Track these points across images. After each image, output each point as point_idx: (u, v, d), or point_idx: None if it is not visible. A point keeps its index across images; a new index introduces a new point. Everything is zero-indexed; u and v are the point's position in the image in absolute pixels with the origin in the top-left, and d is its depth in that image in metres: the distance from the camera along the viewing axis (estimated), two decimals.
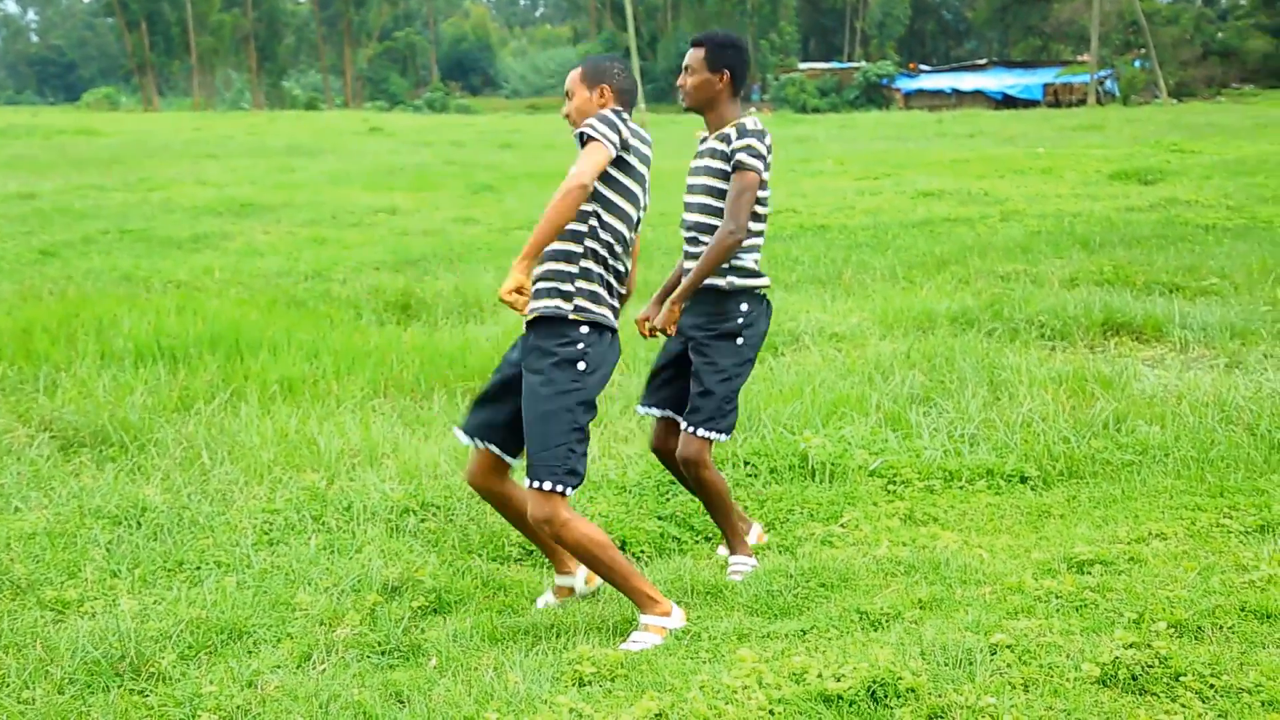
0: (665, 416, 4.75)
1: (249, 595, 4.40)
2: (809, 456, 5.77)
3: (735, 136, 4.41)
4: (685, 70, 4.50)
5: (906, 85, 65.96)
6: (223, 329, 8.56)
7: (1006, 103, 60.05)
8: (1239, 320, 8.32)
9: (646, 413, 4.78)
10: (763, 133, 4.43)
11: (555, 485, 3.89)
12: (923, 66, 72.19)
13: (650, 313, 4.71)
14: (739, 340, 4.49)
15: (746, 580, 4.42)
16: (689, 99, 4.51)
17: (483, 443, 4.21)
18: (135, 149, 30.83)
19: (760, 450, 5.88)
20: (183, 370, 7.74)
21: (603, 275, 4.00)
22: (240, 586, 4.50)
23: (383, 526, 5.17)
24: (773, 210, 4.78)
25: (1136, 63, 59.43)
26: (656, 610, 3.97)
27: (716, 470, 4.58)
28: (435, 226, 16.71)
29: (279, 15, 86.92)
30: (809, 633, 3.81)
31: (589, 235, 3.97)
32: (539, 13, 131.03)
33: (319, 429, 6.54)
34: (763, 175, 4.41)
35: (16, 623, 4.13)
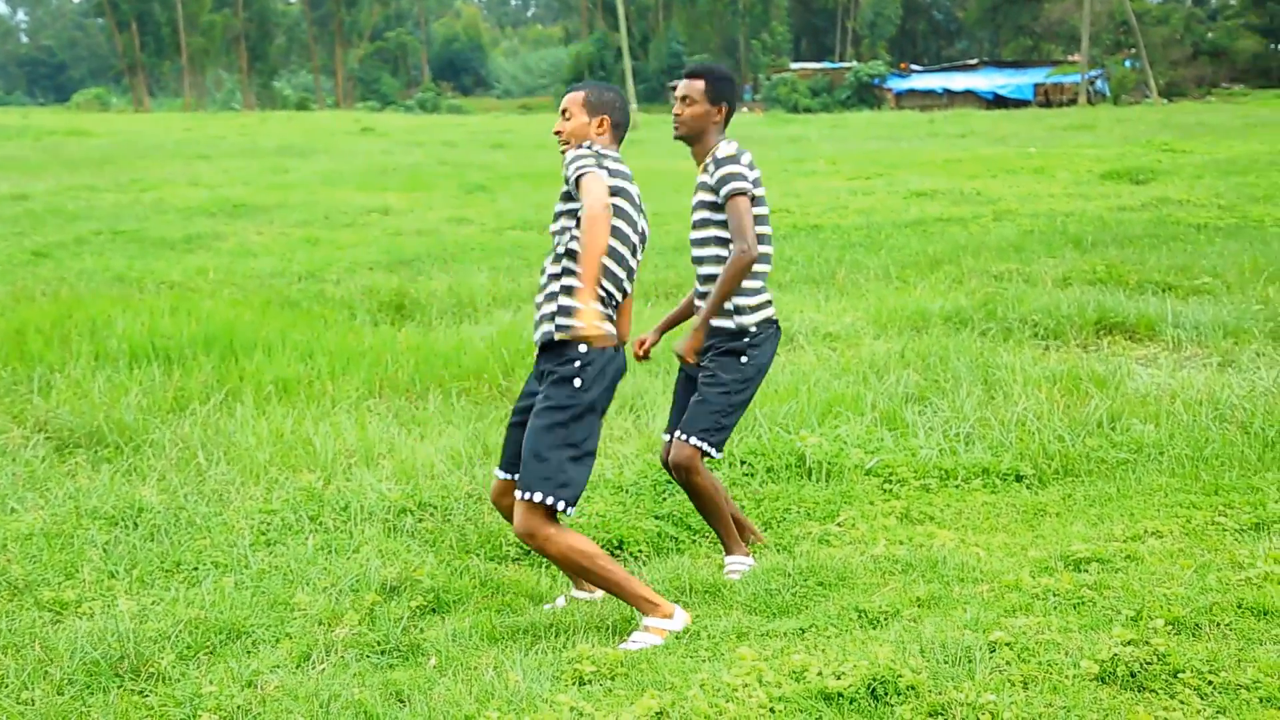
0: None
1: (247, 595, 4.40)
2: (805, 456, 5.78)
3: (713, 168, 4.47)
4: (683, 101, 4.52)
5: (898, 85, 66.04)
6: (217, 330, 8.56)
7: (997, 102, 60.15)
8: (1231, 319, 8.35)
9: (669, 439, 4.77)
10: (734, 157, 4.44)
11: (546, 498, 3.88)
12: (914, 66, 72.30)
13: (650, 338, 4.82)
14: (744, 359, 4.52)
15: (745, 579, 4.43)
16: (684, 128, 4.54)
17: (512, 474, 4.22)
18: (126, 150, 30.79)
19: (757, 450, 5.89)
20: (177, 371, 7.74)
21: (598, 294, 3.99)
22: (238, 587, 4.50)
23: (380, 526, 5.18)
24: (767, 211, 4.79)
25: (1127, 62, 59.58)
26: (658, 613, 3.97)
27: (708, 473, 4.59)
28: (429, 227, 16.70)
29: (270, 15, 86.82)
30: (808, 631, 3.82)
31: (567, 256, 4.00)
32: (530, 13, 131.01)
33: (314, 429, 6.53)
34: (752, 192, 4.43)
35: (14, 623, 4.12)
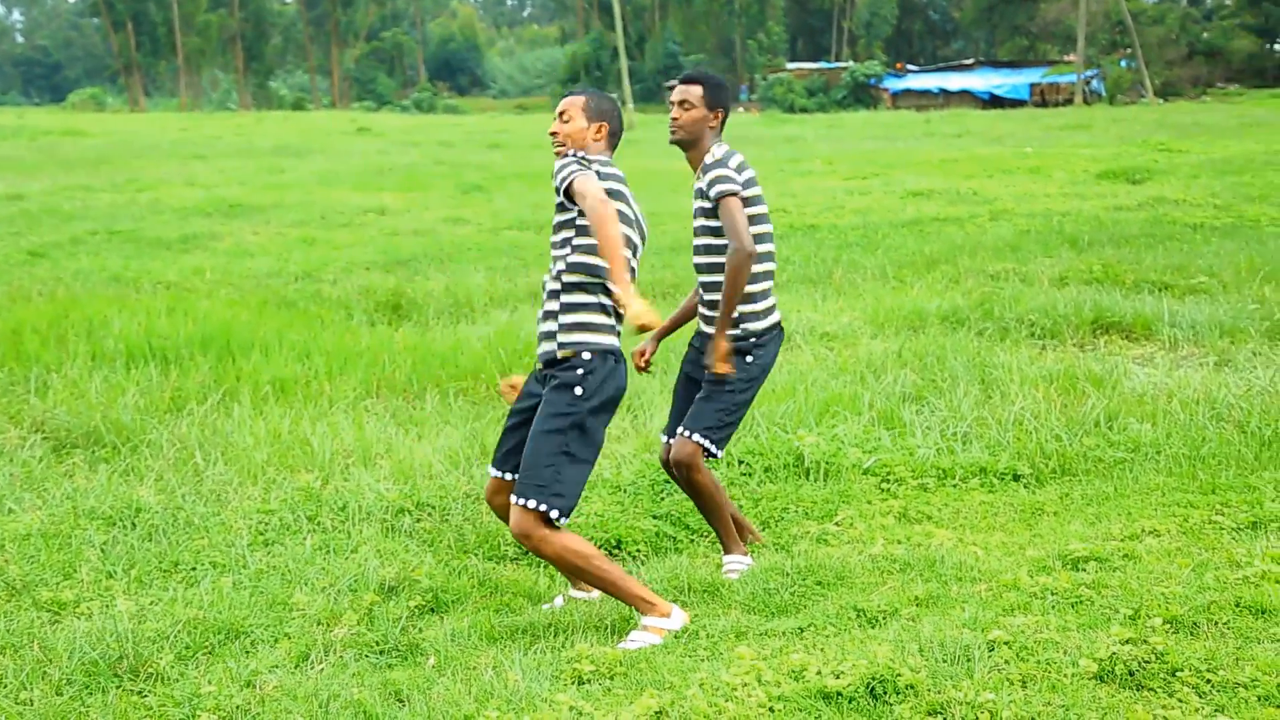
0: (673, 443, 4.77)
1: (245, 596, 4.40)
2: (803, 455, 5.78)
3: (703, 174, 4.50)
4: (680, 105, 4.52)
5: (894, 85, 66.06)
6: (214, 330, 8.55)
7: (993, 102, 60.19)
8: (1227, 318, 8.36)
9: (669, 441, 4.78)
10: (722, 160, 4.47)
11: (539, 504, 3.89)
12: (910, 66, 72.31)
13: (648, 348, 4.86)
14: (749, 358, 4.54)
15: (743, 578, 4.44)
16: (682, 133, 4.54)
17: (509, 473, 4.23)
18: (122, 150, 30.76)
19: (754, 449, 5.89)
20: (174, 371, 7.73)
21: (596, 303, 4.02)
22: (237, 587, 4.50)
23: (378, 526, 5.18)
24: (764, 211, 4.80)
25: (1123, 62, 59.63)
26: (655, 613, 3.98)
27: (709, 472, 4.60)
28: (425, 227, 16.70)
29: (266, 15, 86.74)
30: (806, 630, 3.82)
31: (570, 271, 4.01)
32: (526, 13, 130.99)
33: (312, 429, 6.53)
34: (742, 193, 4.44)
35: (13, 624, 4.12)
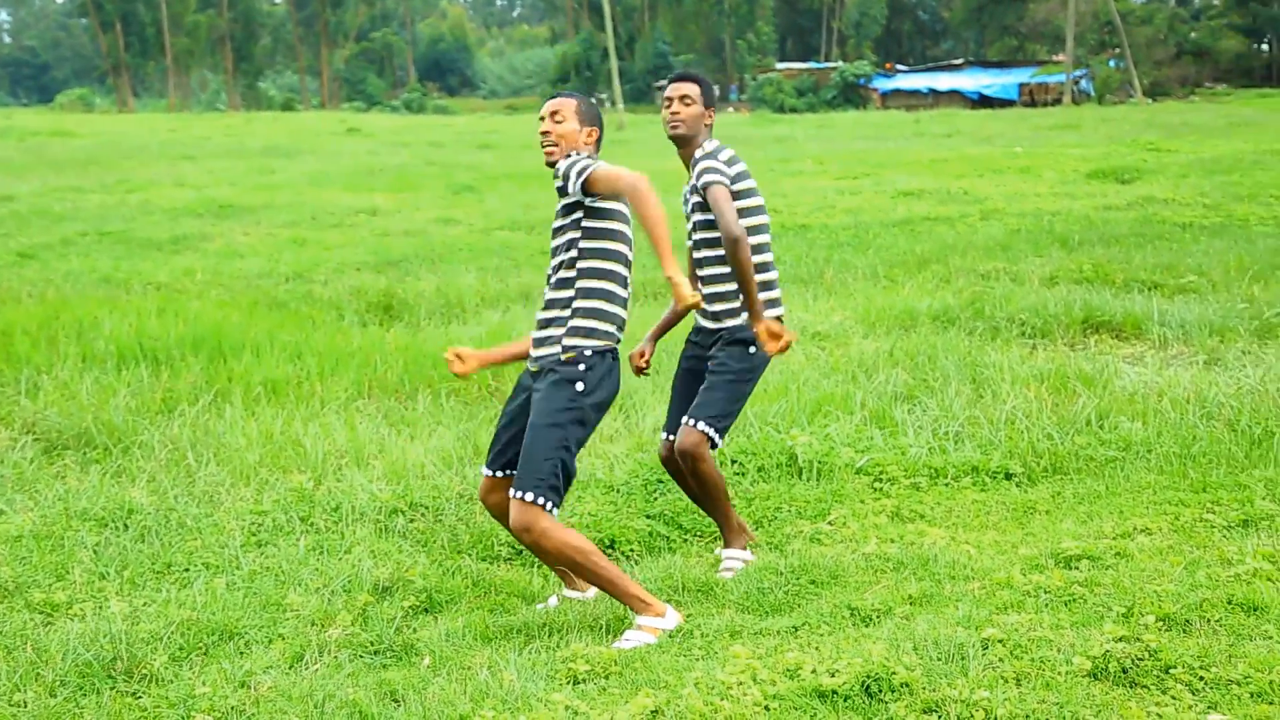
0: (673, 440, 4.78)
1: (239, 596, 4.40)
2: (796, 455, 5.79)
3: (693, 168, 4.58)
4: (681, 100, 4.59)
5: (883, 85, 66.15)
6: (205, 331, 8.54)
7: (982, 102, 60.28)
8: (1217, 317, 8.39)
9: (669, 438, 4.78)
10: (711, 154, 4.54)
11: (537, 498, 3.97)
12: (899, 66, 72.43)
13: (647, 350, 4.89)
14: (751, 349, 4.61)
15: (737, 578, 4.44)
16: (684, 127, 4.60)
17: (501, 471, 4.28)
18: (111, 150, 30.66)
19: (747, 449, 5.90)
20: (165, 372, 7.71)
21: (601, 309, 4.09)
22: (230, 588, 4.49)
23: (371, 527, 5.17)
24: (759, 203, 4.86)
25: (1111, 62, 59.79)
26: (650, 612, 3.99)
27: (713, 462, 4.63)
28: (416, 227, 16.68)
29: (255, 16, 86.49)
30: (801, 629, 3.83)
31: (579, 277, 4.08)
32: (516, 13, 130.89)
33: (304, 430, 6.52)
34: (729, 185, 4.49)
35: (5, 625, 4.11)
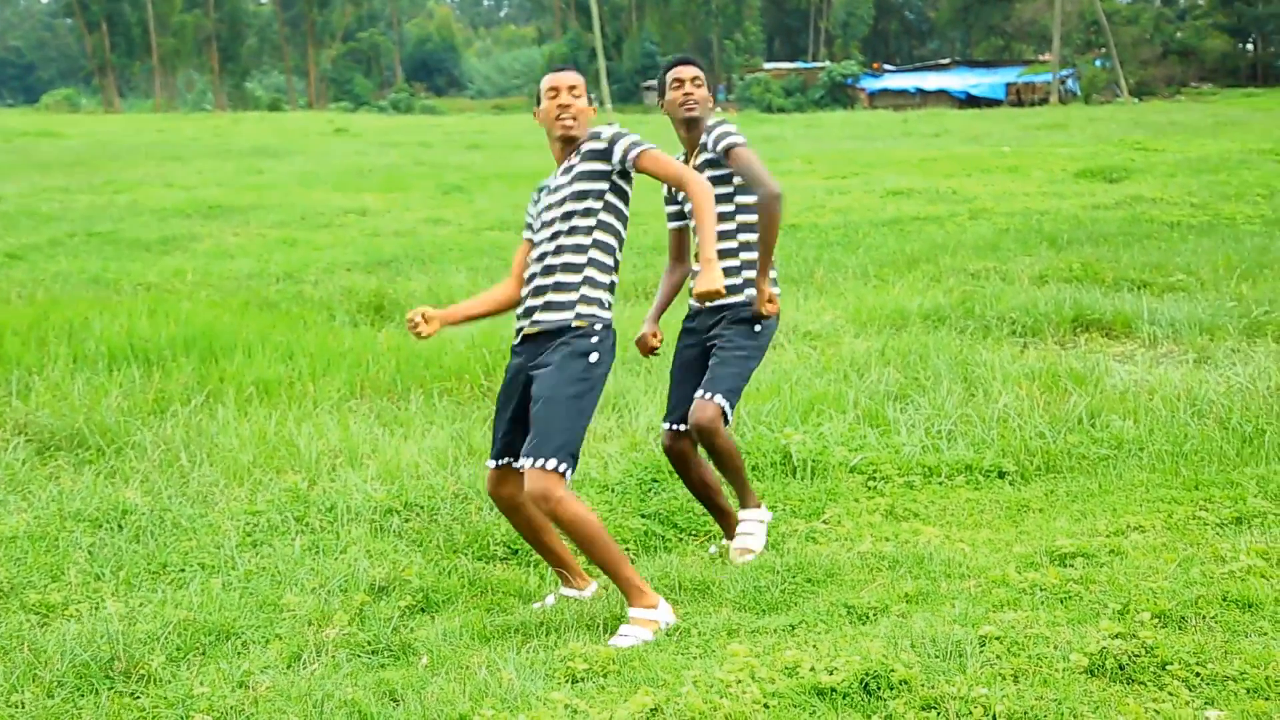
0: (679, 429, 4.79)
1: (235, 596, 4.39)
2: (790, 454, 5.80)
3: (709, 136, 4.66)
4: (693, 82, 4.72)
5: (871, 85, 66.29)
6: (196, 331, 8.52)
7: (970, 102, 60.45)
8: (1206, 316, 8.43)
9: (672, 427, 4.79)
10: (723, 121, 4.70)
11: (559, 464, 3.99)
12: (887, 66, 72.58)
13: (656, 331, 4.92)
14: (756, 328, 4.69)
15: (733, 576, 4.45)
16: (699, 108, 4.72)
17: (510, 459, 4.30)
18: (98, 151, 30.57)
19: (741, 448, 5.88)
20: (157, 373, 7.70)
21: (608, 282, 4.24)
22: (226, 588, 4.49)
23: (367, 527, 5.17)
24: None
25: (1097, 62, 60.04)
26: (643, 602, 4.02)
27: (727, 434, 4.65)
28: (406, 227, 16.68)
29: (241, 16, 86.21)
30: (798, 627, 3.84)
31: (592, 247, 4.21)
32: (503, 13, 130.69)
33: (297, 430, 6.52)
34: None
35: (1, 626, 4.10)
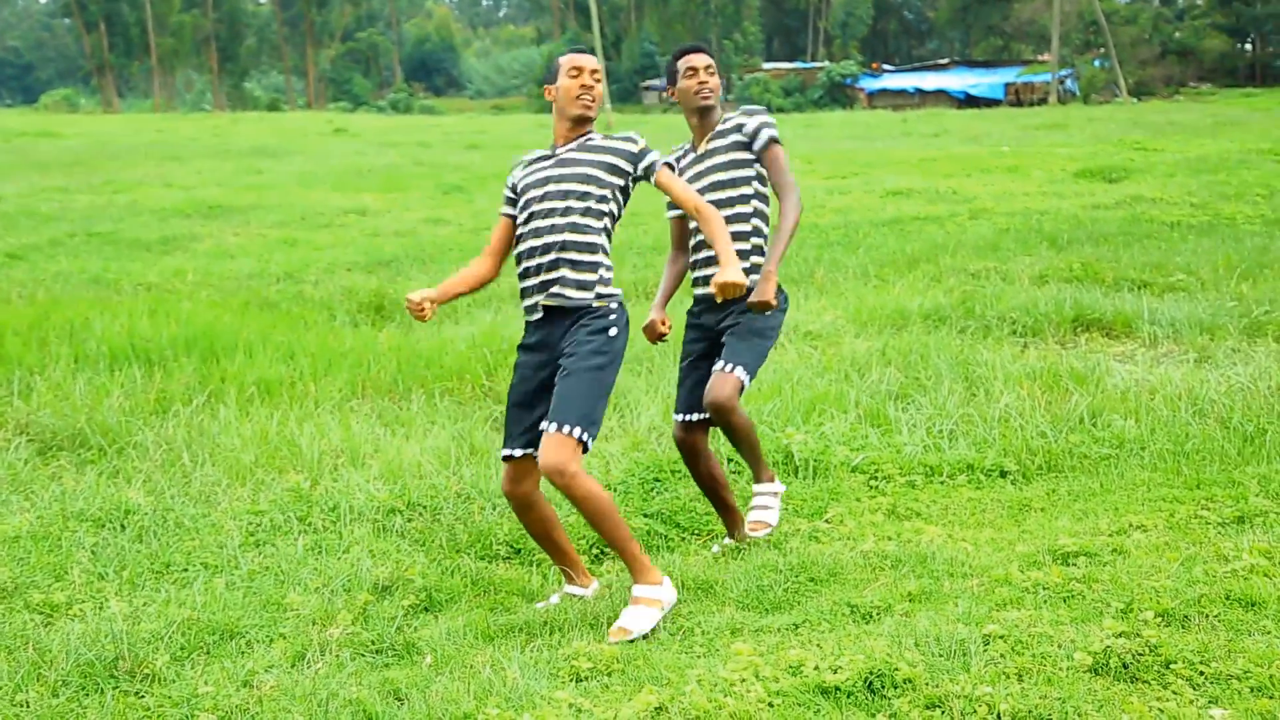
0: (691, 419, 4.80)
1: (239, 596, 4.40)
2: (793, 453, 5.81)
3: (748, 119, 4.73)
4: (706, 70, 4.78)
5: (870, 85, 66.31)
6: (197, 331, 8.53)
7: (969, 102, 60.49)
8: (1206, 315, 8.43)
9: (684, 419, 4.80)
10: (761, 109, 4.79)
11: (583, 433, 4.01)
12: (886, 66, 72.60)
13: (665, 318, 4.94)
14: (767, 312, 4.69)
15: (736, 576, 4.45)
16: (713, 97, 4.79)
17: (526, 449, 4.30)
18: (97, 151, 30.56)
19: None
20: (158, 373, 7.70)
21: (612, 266, 4.35)
22: (229, 587, 4.49)
23: (369, 526, 5.17)
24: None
25: (1096, 62, 60.03)
26: (649, 579, 4.06)
27: (743, 410, 4.66)
28: (406, 227, 16.68)
29: (240, 16, 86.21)
30: (801, 626, 3.84)
31: (604, 233, 4.33)
32: (502, 13, 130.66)
33: (299, 430, 6.52)
34: None
35: (6, 626, 4.10)
